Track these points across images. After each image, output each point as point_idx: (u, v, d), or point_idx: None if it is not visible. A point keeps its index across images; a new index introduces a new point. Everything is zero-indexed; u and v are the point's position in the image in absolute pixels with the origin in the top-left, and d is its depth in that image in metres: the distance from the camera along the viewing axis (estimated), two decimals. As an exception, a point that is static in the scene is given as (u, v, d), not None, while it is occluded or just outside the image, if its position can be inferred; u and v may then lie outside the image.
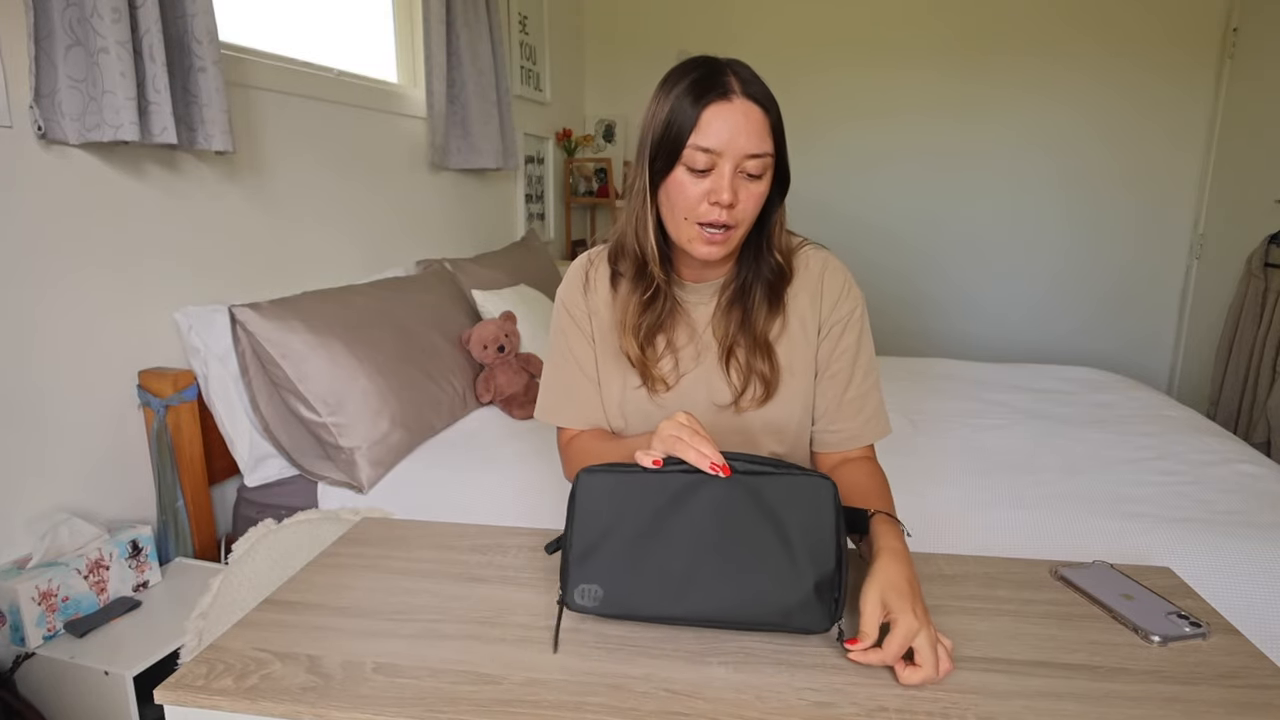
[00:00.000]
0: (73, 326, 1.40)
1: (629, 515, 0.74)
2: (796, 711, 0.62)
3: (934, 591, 0.82)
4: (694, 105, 0.84)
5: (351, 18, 2.27)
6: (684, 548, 0.73)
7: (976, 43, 3.42)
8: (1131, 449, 1.76)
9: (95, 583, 1.33)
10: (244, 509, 1.70)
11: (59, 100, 1.30)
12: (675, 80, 0.87)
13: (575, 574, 0.75)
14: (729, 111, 0.84)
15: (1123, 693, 0.64)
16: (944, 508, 1.48)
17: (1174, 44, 3.24)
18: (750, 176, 0.86)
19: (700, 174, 0.86)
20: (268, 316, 1.58)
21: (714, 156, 0.84)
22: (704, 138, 0.84)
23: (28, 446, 1.34)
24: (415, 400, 1.74)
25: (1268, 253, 2.83)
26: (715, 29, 3.66)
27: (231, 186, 1.74)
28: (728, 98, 0.84)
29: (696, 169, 0.85)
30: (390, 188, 2.33)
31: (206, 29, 1.49)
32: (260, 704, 0.63)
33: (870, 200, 3.66)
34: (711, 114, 0.84)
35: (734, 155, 0.84)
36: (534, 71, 3.26)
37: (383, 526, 0.99)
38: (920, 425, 1.93)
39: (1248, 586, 1.29)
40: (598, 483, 0.76)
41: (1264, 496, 1.51)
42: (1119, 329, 3.54)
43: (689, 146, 0.85)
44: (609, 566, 0.74)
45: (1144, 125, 3.34)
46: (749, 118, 0.84)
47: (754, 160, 0.85)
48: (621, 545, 0.74)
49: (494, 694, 0.64)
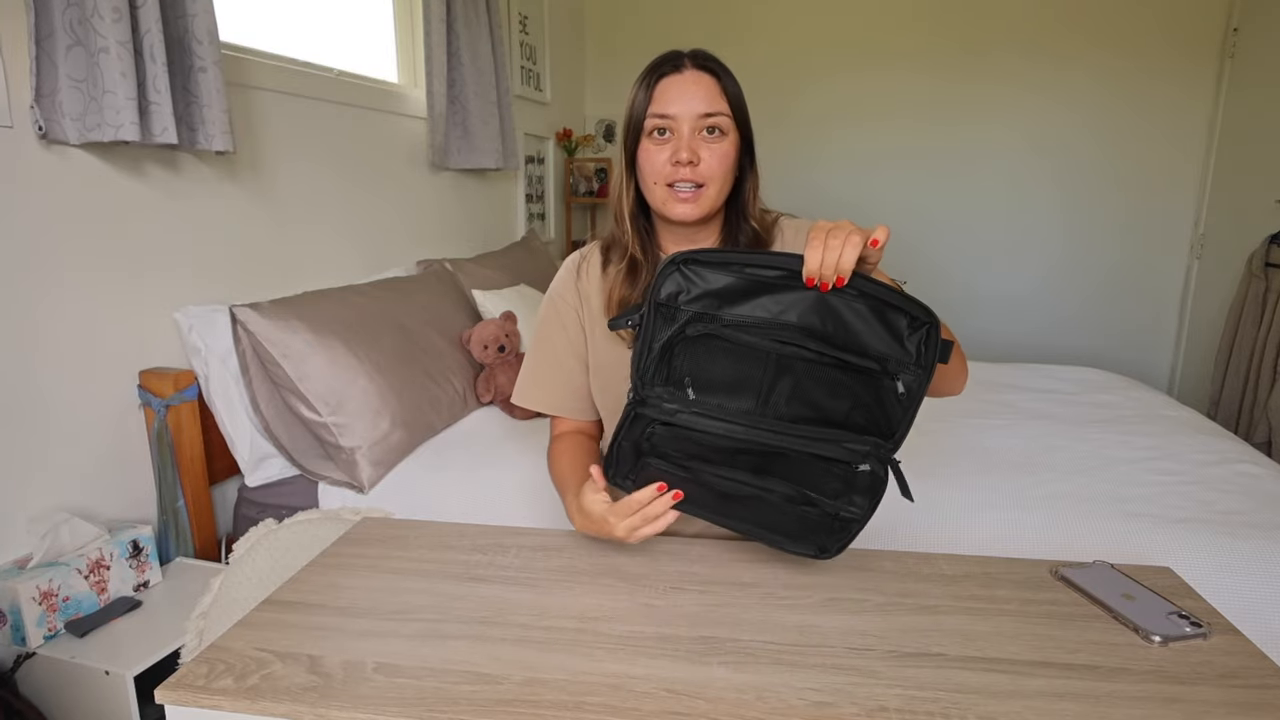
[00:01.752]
0: (73, 326, 1.40)
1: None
2: (796, 711, 0.62)
3: (934, 591, 0.82)
4: (651, 82, 0.95)
5: (351, 18, 2.27)
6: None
7: (976, 44, 3.42)
8: (1132, 449, 1.76)
9: (96, 583, 1.33)
10: (244, 509, 1.70)
11: (59, 100, 1.30)
12: (642, 71, 0.98)
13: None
14: (680, 80, 0.94)
15: (1123, 693, 0.64)
16: (944, 508, 1.48)
17: (1174, 45, 3.24)
18: (709, 134, 0.94)
19: (663, 141, 0.94)
20: (268, 316, 1.58)
21: (670, 121, 0.93)
22: (659, 106, 0.94)
23: (29, 446, 1.34)
24: (415, 400, 1.74)
25: (1268, 253, 2.83)
26: (715, 29, 3.66)
27: (232, 186, 1.74)
28: (679, 70, 0.95)
29: (658, 136, 0.94)
30: (390, 188, 2.33)
31: (207, 29, 1.49)
32: (260, 704, 0.63)
33: (870, 202, 3.66)
34: (664, 85, 0.94)
35: (689, 117, 0.93)
36: (534, 71, 3.26)
37: (383, 526, 0.99)
38: (921, 425, 1.92)
39: (1248, 586, 1.29)
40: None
41: (1264, 496, 1.51)
42: (1119, 329, 3.54)
43: (649, 117, 0.94)
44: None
45: (1144, 126, 3.34)
46: (699, 83, 0.94)
47: (708, 119, 0.93)
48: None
49: (494, 694, 0.64)
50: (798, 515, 0.81)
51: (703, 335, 0.78)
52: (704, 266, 0.77)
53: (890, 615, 0.77)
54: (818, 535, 0.82)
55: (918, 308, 0.74)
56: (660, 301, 0.78)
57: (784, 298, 0.75)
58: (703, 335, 0.78)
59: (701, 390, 0.79)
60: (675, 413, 0.79)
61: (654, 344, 0.78)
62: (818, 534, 0.82)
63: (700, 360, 0.79)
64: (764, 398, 0.78)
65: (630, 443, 0.82)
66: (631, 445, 0.82)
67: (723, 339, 0.77)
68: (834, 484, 0.79)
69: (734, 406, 0.79)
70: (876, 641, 0.72)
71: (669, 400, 0.79)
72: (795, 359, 0.76)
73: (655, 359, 0.79)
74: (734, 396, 0.78)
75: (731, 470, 0.81)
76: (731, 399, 0.78)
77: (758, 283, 0.76)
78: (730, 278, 0.77)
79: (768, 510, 0.82)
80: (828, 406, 0.77)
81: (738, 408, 0.78)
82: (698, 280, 0.77)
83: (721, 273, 0.77)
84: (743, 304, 0.77)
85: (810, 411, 0.77)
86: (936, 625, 0.75)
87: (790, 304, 0.75)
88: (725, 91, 0.95)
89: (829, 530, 0.81)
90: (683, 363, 0.79)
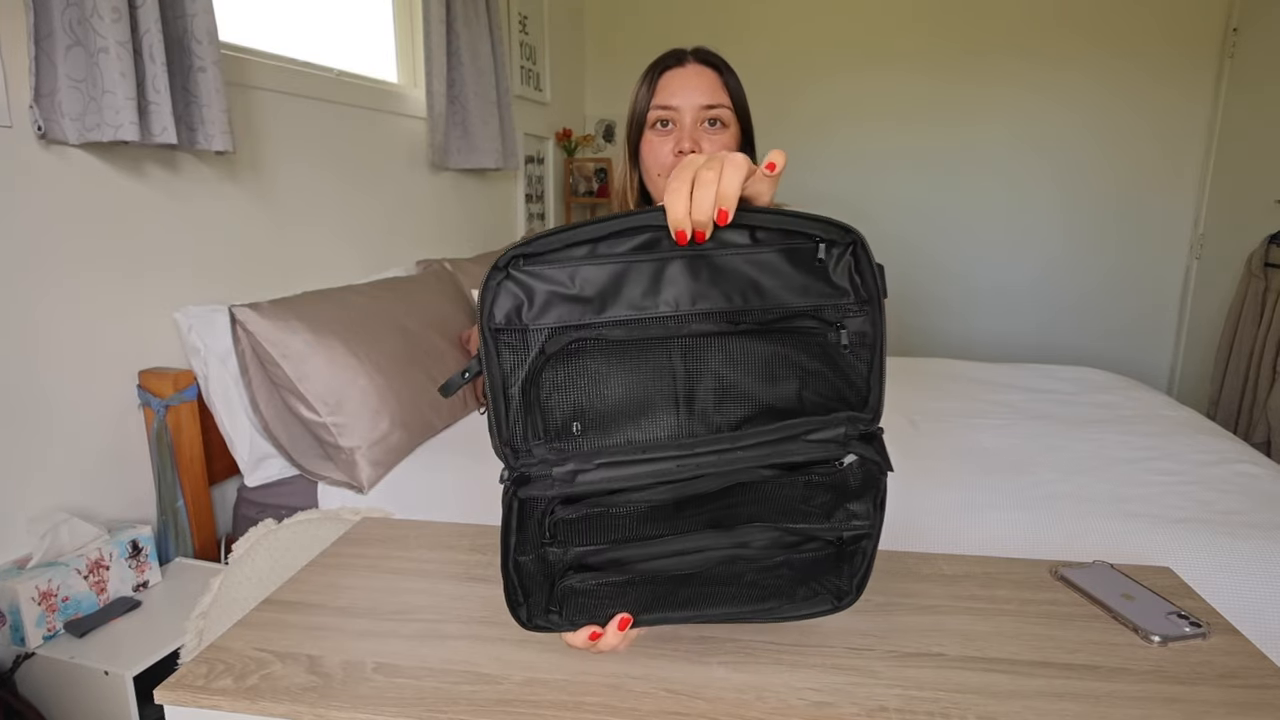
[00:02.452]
0: (73, 326, 1.40)
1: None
2: (796, 711, 0.62)
3: (934, 591, 0.82)
4: (654, 76, 0.97)
5: (351, 18, 2.27)
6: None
7: (975, 45, 3.42)
8: (1131, 449, 1.76)
9: (95, 583, 1.33)
10: (244, 509, 1.70)
11: (59, 100, 1.30)
12: (646, 68, 1.00)
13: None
14: (683, 74, 0.96)
15: (1123, 693, 0.64)
16: (944, 508, 1.48)
17: (1174, 45, 3.24)
18: (711, 126, 0.96)
19: (665, 133, 0.96)
20: (268, 316, 1.58)
21: (672, 112, 0.95)
22: (661, 98, 0.96)
23: (28, 446, 1.34)
24: (415, 400, 1.74)
25: (1268, 253, 2.83)
26: (715, 29, 3.66)
27: (231, 187, 1.74)
28: (681, 64, 0.97)
29: (661, 128, 0.97)
30: (390, 188, 2.33)
31: (206, 29, 1.49)
32: (260, 704, 0.63)
33: (869, 202, 3.66)
34: (667, 78, 0.96)
35: (691, 108, 0.95)
36: (534, 71, 3.26)
37: (383, 526, 0.99)
38: (920, 425, 1.93)
39: (1248, 586, 1.29)
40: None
41: (1264, 496, 1.51)
42: (1119, 329, 3.54)
43: (651, 109, 0.96)
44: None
45: (1144, 126, 3.34)
46: (701, 76, 0.96)
47: (710, 110, 0.95)
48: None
49: (494, 694, 0.64)
50: (791, 564, 0.61)
51: (573, 346, 0.55)
52: (541, 262, 0.54)
53: (890, 615, 0.77)
54: (824, 578, 0.63)
55: (829, 227, 0.54)
56: (498, 328, 0.54)
57: (656, 270, 0.54)
58: (573, 346, 0.55)
59: (596, 429, 0.56)
60: (574, 476, 0.55)
61: (508, 389, 0.55)
62: (823, 576, 0.63)
63: (582, 387, 0.56)
64: (686, 408, 0.56)
65: (531, 557, 0.57)
66: (535, 562, 0.58)
67: (602, 343, 0.55)
68: (821, 497, 0.59)
69: (648, 438, 0.56)
70: (876, 641, 0.72)
71: (558, 461, 0.55)
72: (707, 345, 0.56)
73: (519, 407, 0.55)
74: (644, 421, 0.56)
75: (681, 539, 0.58)
76: (642, 427, 0.56)
77: (620, 263, 0.54)
78: (580, 266, 0.54)
79: (751, 573, 0.61)
80: (770, 394, 0.57)
81: (655, 438, 0.56)
82: (538, 284, 0.54)
83: (563, 266, 0.54)
84: (613, 296, 0.54)
85: (751, 408, 0.57)
86: (936, 625, 0.75)
87: (672, 277, 0.54)
88: (727, 85, 0.97)
89: (835, 564, 0.63)
90: (558, 399, 0.56)
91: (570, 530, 0.57)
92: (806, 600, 0.64)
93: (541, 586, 0.59)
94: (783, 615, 0.64)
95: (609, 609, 0.60)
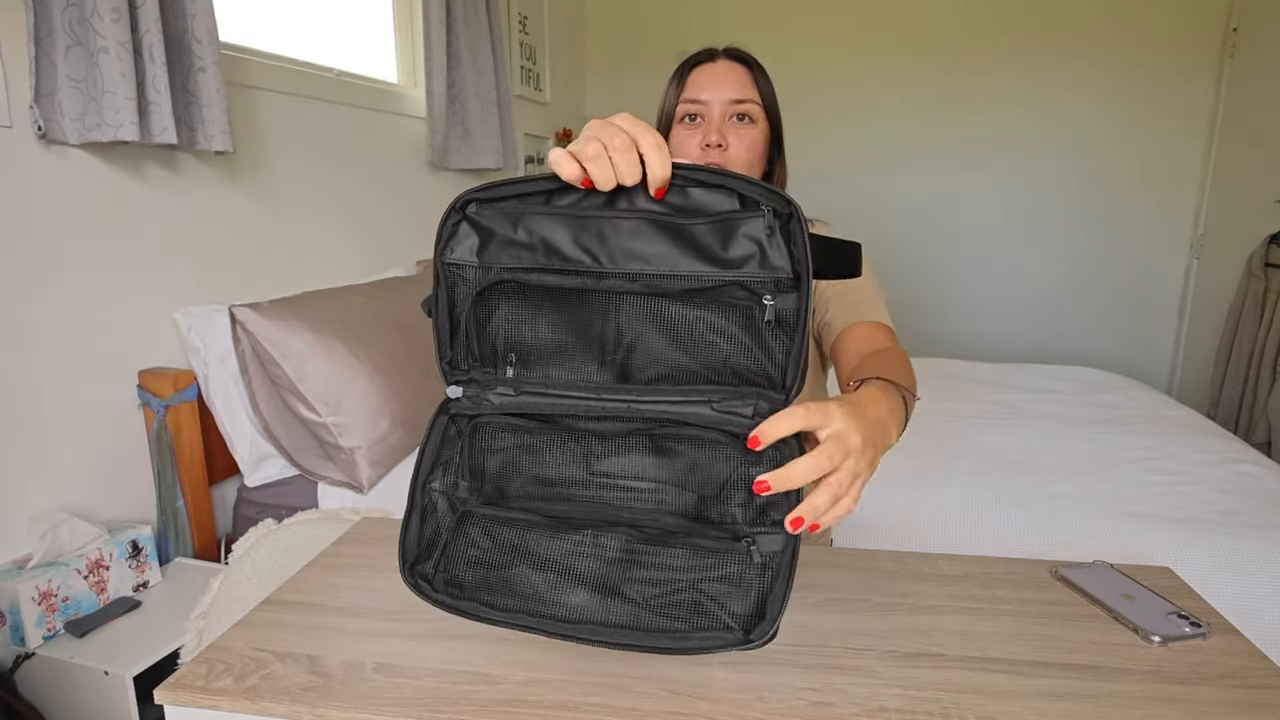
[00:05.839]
0: (73, 326, 1.40)
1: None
2: (796, 711, 0.62)
3: (934, 591, 0.82)
4: (684, 72, 0.98)
5: (351, 18, 2.27)
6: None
7: (974, 44, 3.42)
8: (1132, 449, 1.76)
9: (95, 583, 1.33)
10: (244, 509, 1.70)
11: (59, 100, 1.30)
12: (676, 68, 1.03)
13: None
14: (713, 69, 0.97)
15: (1123, 693, 0.64)
16: (944, 508, 1.48)
17: (1174, 44, 3.24)
18: (739, 120, 0.96)
19: (693, 127, 0.96)
20: (268, 316, 1.58)
21: (701, 106, 0.95)
22: (691, 92, 0.96)
23: (28, 446, 1.34)
24: (415, 400, 1.74)
25: (1268, 253, 2.83)
26: (715, 29, 3.66)
27: (231, 186, 1.74)
28: (712, 60, 0.98)
29: (689, 121, 0.96)
30: (390, 188, 2.33)
31: (206, 29, 1.49)
32: (260, 704, 0.63)
33: (868, 201, 3.66)
34: (697, 73, 0.97)
35: (719, 102, 0.94)
36: (534, 71, 3.26)
37: (383, 526, 0.99)
38: (921, 425, 1.93)
39: (1248, 586, 1.29)
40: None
41: (1264, 496, 1.51)
42: (1119, 329, 3.54)
43: (680, 103, 0.97)
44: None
45: (1143, 126, 3.34)
46: (731, 71, 0.96)
47: (738, 105, 0.95)
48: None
49: (494, 694, 0.64)
50: (696, 585, 0.58)
51: (513, 287, 0.59)
52: (494, 208, 0.58)
53: (890, 615, 0.77)
54: (729, 602, 0.57)
55: (771, 195, 0.54)
56: (449, 262, 0.59)
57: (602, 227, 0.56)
58: (513, 287, 0.59)
59: (524, 364, 0.61)
60: (498, 399, 0.60)
61: (455, 315, 0.60)
62: (728, 601, 0.57)
63: (517, 325, 0.60)
64: (610, 359, 0.59)
65: (442, 487, 0.62)
66: (444, 496, 0.62)
67: (542, 289, 0.59)
68: (723, 469, 0.57)
69: (569, 378, 0.60)
70: (876, 641, 0.72)
71: (489, 384, 0.61)
72: (639, 303, 0.58)
73: (463, 334, 0.61)
74: (568, 363, 0.60)
75: (610, 459, 0.59)
76: (565, 368, 0.60)
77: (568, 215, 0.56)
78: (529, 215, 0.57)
79: (646, 585, 0.58)
80: (692, 359, 0.58)
81: (570, 379, 0.60)
82: (491, 224, 0.58)
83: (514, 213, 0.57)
84: (556, 246, 0.57)
85: (668, 368, 0.58)
86: (936, 625, 0.75)
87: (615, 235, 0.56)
88: (757, 82, 0.97)
89: (736, 572, 0.57)
90: (495, 332, 0.60)
91: (489, 452, 0.61)
92: (701, 631, 0.57)
93: (439, 534, 0.62)
94: (661, 648, 0.58)
95: (503, 570, 0.61)
